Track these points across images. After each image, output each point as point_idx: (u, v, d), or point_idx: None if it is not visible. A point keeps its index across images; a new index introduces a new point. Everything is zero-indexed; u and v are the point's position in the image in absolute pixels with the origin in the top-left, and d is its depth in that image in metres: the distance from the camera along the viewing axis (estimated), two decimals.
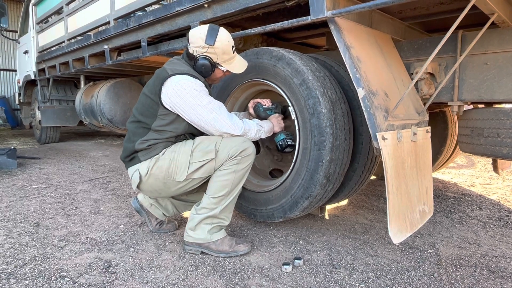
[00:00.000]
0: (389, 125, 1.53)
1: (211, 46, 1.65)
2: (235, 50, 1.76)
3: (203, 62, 1.67)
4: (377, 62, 1.73)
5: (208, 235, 1.68)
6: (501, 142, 1.70)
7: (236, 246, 1.70)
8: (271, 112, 1.92)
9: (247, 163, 1.66)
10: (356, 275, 1.54)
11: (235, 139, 1.65)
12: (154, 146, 1.68)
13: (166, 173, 1.65)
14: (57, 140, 6.22)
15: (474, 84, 1.79)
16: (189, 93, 1.60)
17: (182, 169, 1.64)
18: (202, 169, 1.64)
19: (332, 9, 1.61)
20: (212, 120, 1.62)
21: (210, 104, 1.63)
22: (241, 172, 1.65)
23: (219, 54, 1.68)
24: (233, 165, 1.62)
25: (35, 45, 5.49)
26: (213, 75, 1.77)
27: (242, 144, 1.64)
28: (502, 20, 1.64)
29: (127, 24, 3.06)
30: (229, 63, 1.74)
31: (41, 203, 2.53)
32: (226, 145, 1.63)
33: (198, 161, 1.63)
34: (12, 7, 10.39)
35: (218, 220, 1.69)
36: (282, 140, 1.89)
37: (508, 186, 3.14)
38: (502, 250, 1.83)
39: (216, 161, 1.63)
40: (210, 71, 1.70)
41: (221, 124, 1.63)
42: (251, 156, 1.67)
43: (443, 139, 2.93)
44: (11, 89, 10.82)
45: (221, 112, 1.65)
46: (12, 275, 1.50)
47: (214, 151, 1.62)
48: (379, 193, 2.88)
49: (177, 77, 1.61)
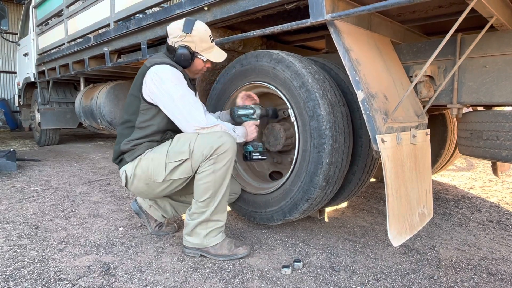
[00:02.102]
0: (389, 128, 1.53)
1: (188, 34, 1.67)
2: (213, 40, 1.78)
3: (182, 51, 1.67)
4: (377, 65, 1.73)
5: (205, 240, 1.66)
6: (500, 144, 1.70)
7: (236, 249, 1.69)
8: (246, 118, 1.88)
9: (225, 161, 1.59)
10: (355, 277, 1.54)
11: (209, 137, 1.59)
12: (138, 147, 1.69)
13: (147, 174, 1.65)
14: (57, 142, 6.22)
15: (473, 86, 1.80)
16: (166, 81, 1.60)
17: (160, 170, 1.62)
18: (179, 169, 1.62)
19: (331, 12, 1.62)
20: (185, 111, 1.60)
21: (185, 96, 1.61)
22: (221, 171, 1.59)
23: (197, 42, 1.70)
24: (210, 165, 1.57)
25: (35, 47, 5.50)
26: (193, 66, 1.76)
27: (216, 141, 1.57)
28: (501, 23, 1.64)
29: (127, 26, 3.06)
30: (208, 51, 1.75)
31: (40, 205, 2.53)
32: (200, 144, 1.57)
33: (174, 161, 1.61)
34: (12, 9, 10.42)
35: (213, 223, 1.66)
36: (248, 153, 1.84)
37: (508, 188, 3.14)
38: (501, 252, 1.83)
39: (192, 162, 1.59)
40: (190, 59, 1.70)
41: (193, 116, 1.61)
42: (229, 152, 1.59)
43: (443, 141, 2.93)
44: (11, 91, 10.83)
45: (197, 106, 1.64)
46: (11, 277, 1.50)
47: (188, 151, 1.58)
48: (379, 195, 2.88)
49: (155, 67, 1.64)
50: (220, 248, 1.67)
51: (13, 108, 9.96)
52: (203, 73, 1.96)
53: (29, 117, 6.72)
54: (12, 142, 6.80)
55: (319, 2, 1.62)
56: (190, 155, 1.58)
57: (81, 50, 4.08)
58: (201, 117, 1.62)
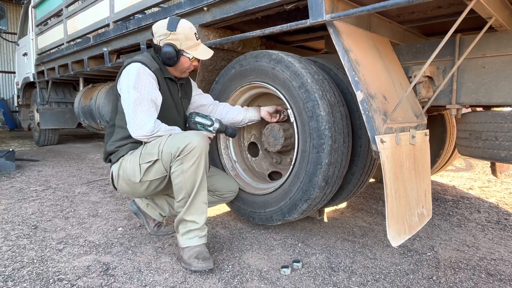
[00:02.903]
0: (388, 128, 1.53)
1: (173, 32, 1.66)
2: (199, 37, 1.77)
3: (167, 49, 1.67)
4: (376, 65, 1.73)
5: (181, 239, 1.62)
6: (499, 145, 1.70)
7: (193, 259, 1.55)
8: (201, 127, 1.87)
9: (192, 160, 1.55)
10: (355, 278, 1.54)
11: (177, 137, 1.58)
12: (121, 148, 1.72)
13: (127, 175, 1.68)
14: (56, 142, 6.21)
15: (472, 87, 1.80)
16: (130, 80, 1.61)
17: (136, 171, 1.65)
18: (152, 170, 1.63)
19: (331, 12, 1.62)
20: (135, 117, 1.59)
21: (140, 101, 1.59)
22: (189, 170, 1.55)
23: (182, 40, 1.69)
24: (177, 166, 1.56)
25: (34, 47, 5.49)
26: (180, 65, 1.75)
27: (182, 141, 1.55)
28: (500, 24, 1.65)
29: (127, 26, 3.06)
30: (193, 49, 1.73)
31: (39, 206, 2.53)
32: (169, 145, 1.57)
33: (146, 162, 1.62)
34: (12, 9, 10.40)
35: (190, 223, 1.60)
36: None
37: (507, 189, 3.15)
38: (500, 253, 1.83)
39: (162, 162, 1.59)
40: (175, 57, 1.69)
41: (140, 124, 1.59)
42: (195, 151, 1.54)
43: (442, 142, 2.93)
44: (10, 91, 10.82)
45: (149, 113, 1.60)
46: (10, 277, 1.49)
47: (158, 152, 1.59)
48: (378, 196, 2.88)
49: (129, 65, 1.67)
50: (187, 252, 1.59)
51: (12, 108, 9.95)
52: (196, 72, 1.96)
53: (28, 117, 6.71)
54: (11, 142, 6.79)
55: (318, 2, 1.62)
56: (159, 156, 1.59)
57: (81, 50, 4.08)
58: (147, 127, 1.60)
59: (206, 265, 1.53)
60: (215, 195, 1.96)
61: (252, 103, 2.29)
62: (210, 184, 1.91)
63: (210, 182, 1.90)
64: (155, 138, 1.63)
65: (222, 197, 1.98)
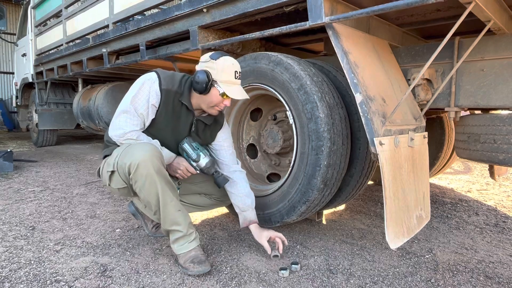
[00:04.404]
0: (387, 131, 1.53)
1: (213, 60, 1.60)
2: (239, 78, 1.64)
3: (200, 74, 1.59)
4: (375, 68, 1.74)
5: (173, 247, 1.62)
6: (498, 148, 1.71)
7: (189, 264, 1.55)
8: (186, 156, 1.71)
9: (142, 178, 1.49)
10: (353, 280, 1.54)
11: (130, 151, 1.53)
12: (107, 148, 1.74)
13: (103, 177, 1.70)
14: (54, 143, 6.20)
15: (471, 90, 1.81)
16: (136, 85, 1.62)
17: (105, 177, 1.66)
18: (114, 179, 1.62)
19: (330, 14, 1.63)
20: (118, 118, 1.59)
21: (130, 106, 1.58)
22: (145, 187, 1.51)
23: (218, 70, 1.59)
24: (134, 184, 1.54)
25: (33, 48, 5.49)
26: (209, 96, 1.62)
27: (129, 157, 1.50)
28: (498, 27, 1.65)
29: (126, 28, 3.06)
30: (227, 85, 1.60)
31: (37, 207, 2.52)
32: (122, 158, 1.54)
33: (107, 171, 1.63)
34: (11, 9, 10.40)
35: (174, 232, 1.59)
36: None
37: (505, 192, 3.16)
38: (498, 256, 1.83)
39: (120, 175, 1.58)
40: (205, 84, 1.57)
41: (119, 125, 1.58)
42: (140, 170, 1.48)
43: (440, 144, 2.94)
44: (9, 92, 10.80)
45: (133, 121, 1.59)
46: (7, 278, 1.49)
47: (113, 164, 1.58)
48: (376, 198, 2.88)
49: (147, 72, 1.67)
50: (182, 257, 1.59)
51: (11, 109, 9.95)
52: None
53: (27, 117, 6.70)
54: (9, 142, 6.77)
55: (317, 4, 1.62)
56: (115, 168, 1.58)
57: (80, 51, 4.08)
58: (122, 130, 1.58)
59: (203, 268, 1.53)
60: (212, 198, 1.95)
61: (251, 104, 2.29)
62: (205, 189, 1.91)
63: (204, 187, 1.91)
64: (126, 142, 1.60)
65: (220, 200, 1.97)
